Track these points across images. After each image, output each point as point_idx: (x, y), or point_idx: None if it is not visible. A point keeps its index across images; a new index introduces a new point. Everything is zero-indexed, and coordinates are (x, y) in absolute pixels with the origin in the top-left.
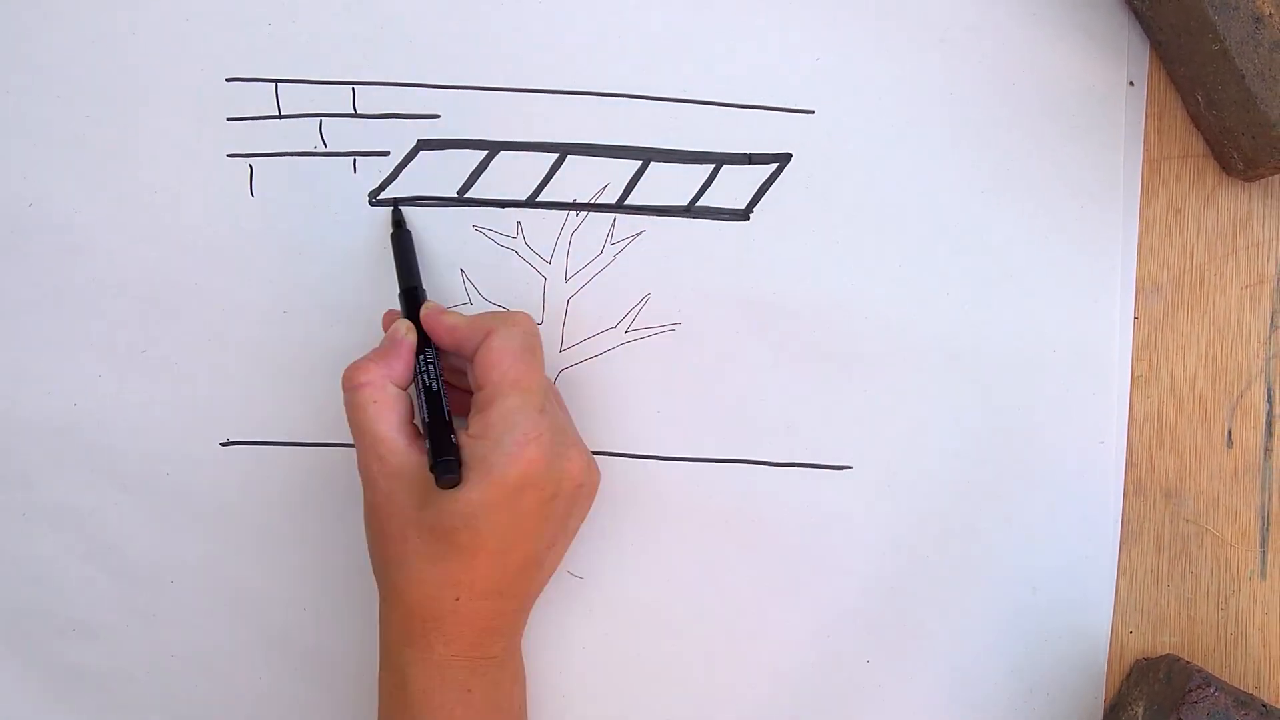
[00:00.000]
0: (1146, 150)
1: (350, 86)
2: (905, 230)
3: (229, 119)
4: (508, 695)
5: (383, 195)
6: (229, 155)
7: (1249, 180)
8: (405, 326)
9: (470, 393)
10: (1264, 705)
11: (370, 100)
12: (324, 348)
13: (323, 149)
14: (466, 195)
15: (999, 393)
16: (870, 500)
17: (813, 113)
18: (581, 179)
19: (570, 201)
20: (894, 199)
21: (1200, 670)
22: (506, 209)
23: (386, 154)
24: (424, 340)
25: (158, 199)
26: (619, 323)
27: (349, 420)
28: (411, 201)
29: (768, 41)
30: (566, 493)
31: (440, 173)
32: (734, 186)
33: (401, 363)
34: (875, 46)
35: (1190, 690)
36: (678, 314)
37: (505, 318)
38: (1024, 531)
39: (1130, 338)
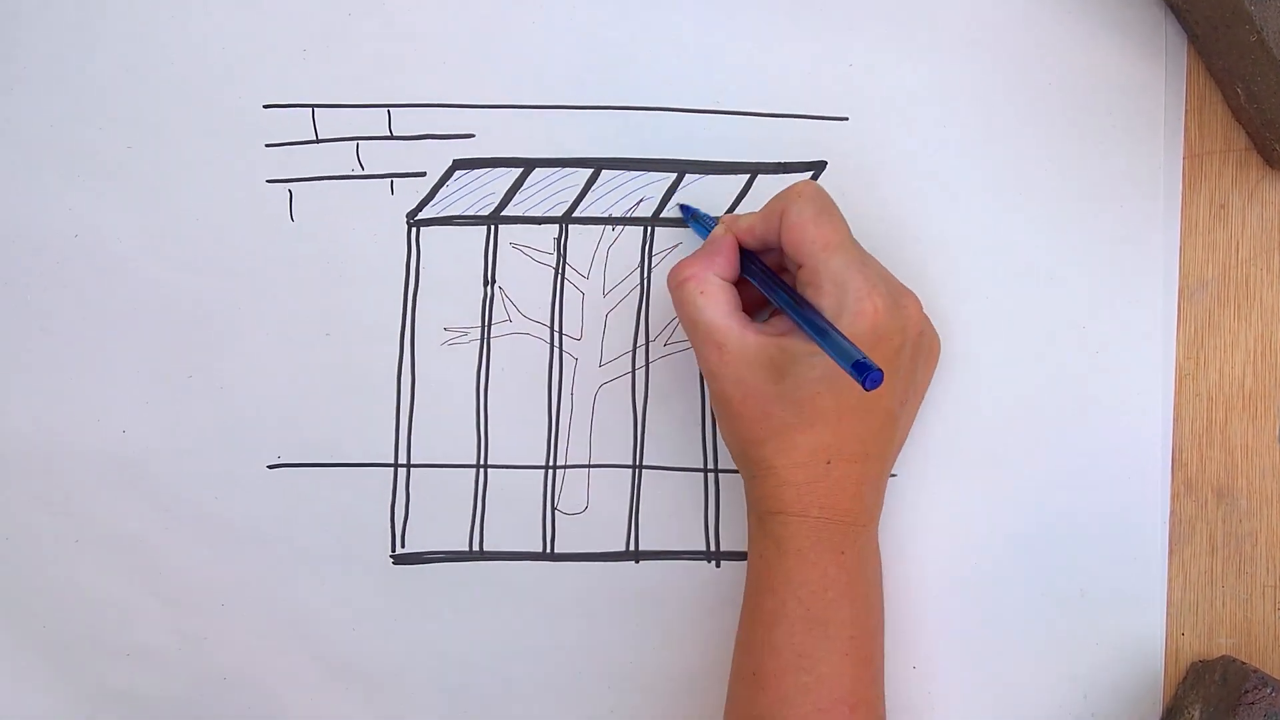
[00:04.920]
0: (1187, 146)
1: (386, 109)
2: (943, 235)
3: (267, 145)
4: (873, 565)
5: (420, 215)
6: (268, 181)
7: None
8: (723, 227)
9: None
10: None
11: (406, 122)
12: (367, 368)
13: (360, 172)
14: (503, 213)
15: (1041, 396)
16: (914, 507)
17: (846, 119)
18: (617, 193)
19: (606, 216)
20: (930, 204)
21: (1257, 671)
22: (543, 225)
23: (423, 174)
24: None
25: (200, 226)
26: (658, 335)
27: (680, 317)
28: (448, 221)
29: (799, 50)
30: (912, 340)
31: (476, 191)
32: (769, 196)
33: (723, 258)
34: (907, 51)
35: (1246, 691)
36: None
37: (789, 192)
38: (1070, 535)
39: (1175, 336)
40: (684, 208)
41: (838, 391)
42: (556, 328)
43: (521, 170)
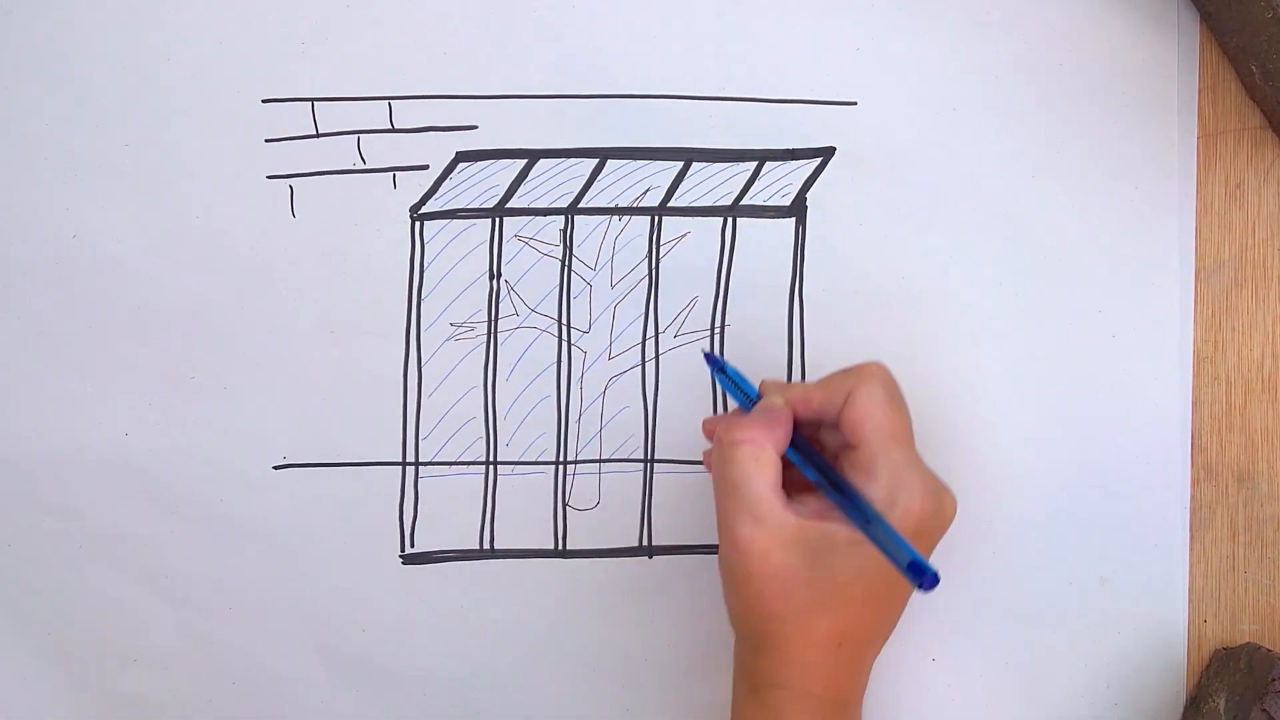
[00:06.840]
0: (1201, 125)
1: (386, 102)
2: (955, 220)
3: (267, 140)
4: None
5: (424, 209)
6: (269, 177)
7: None
8: (779, 398)
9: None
10: None
11: (407, 114)
12: (373, 365)
13: (362, 166)
14: (508, 205)
15: (1058, 381)
16: None
17: (855, 104)
18: (623, 183)
19: (613, 206)
20: (942, 188)
21: None
22: (548, 217)
23: (426, 167)
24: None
25: (200, 224)
26: (667, 327)
27: (721, 476)
28: (452, 215)
29: (806, 34)
30: (941, 533)
31: (480, 184)
32: (778, 183)
33: (782, 430)
34: (916, 33)
35: (1274, 679)
36: (726, 315)
37: (860, 372)
38: (1090, 522)
39: (1192, 318)
40: (709, 357)
41: (869, 580)
42: (564, 321)
43: (526, 161)
